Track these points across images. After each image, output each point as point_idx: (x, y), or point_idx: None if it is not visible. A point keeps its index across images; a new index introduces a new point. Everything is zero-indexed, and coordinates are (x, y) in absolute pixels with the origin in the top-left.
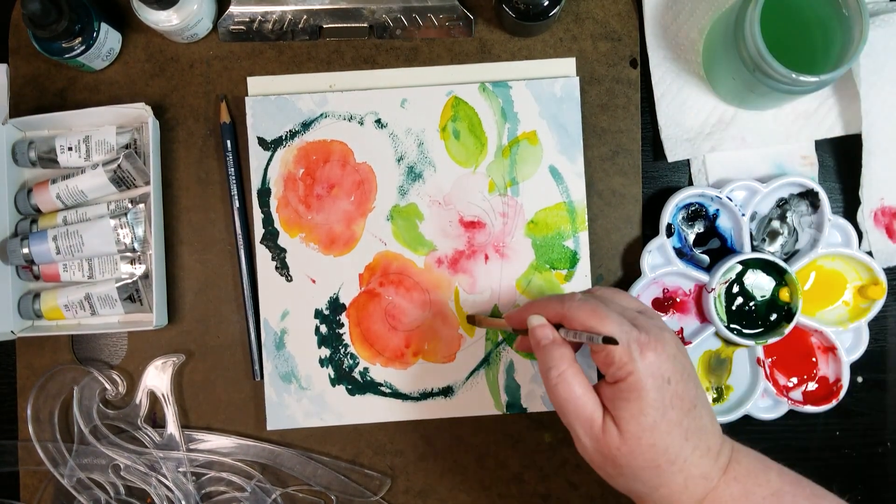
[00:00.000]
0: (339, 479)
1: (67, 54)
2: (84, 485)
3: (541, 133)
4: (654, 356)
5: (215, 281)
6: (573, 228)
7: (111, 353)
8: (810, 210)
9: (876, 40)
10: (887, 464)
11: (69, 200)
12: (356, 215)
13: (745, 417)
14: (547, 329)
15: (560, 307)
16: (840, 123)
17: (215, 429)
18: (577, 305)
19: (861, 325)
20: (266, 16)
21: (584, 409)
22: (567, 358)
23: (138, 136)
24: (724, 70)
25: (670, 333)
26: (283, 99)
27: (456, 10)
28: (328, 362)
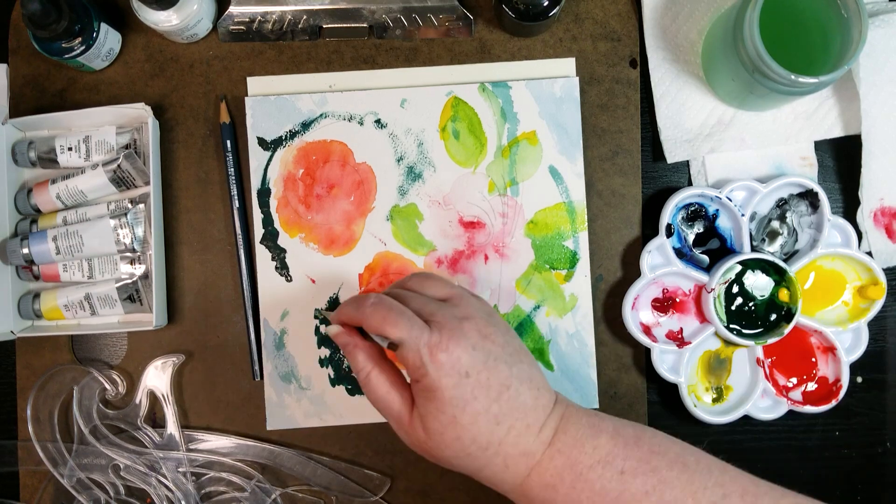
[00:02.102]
0: (339, 479)
1: (67, 54)
2: (84, 485)
3: (540, 133)
4: (444, 356)
5: (215, 281)
6: (573, 228)
7: (111, 353)
8: (810, 210)
9: (875, 40)
10: (887, 464)
11: (69, 200)
12: (356, 215)
13: (745, 417)
14: (344, 335)
15: (355, 312)
16: (839, 124)
17: (215, 429)
18: (369, 312)
19: (861, 325)
20: (266, 16)
21: (390, 408)
22: (372, 359)
23: (138, 136)
24: (723, 71)
25: (473, 321)
26: (282, 99)
27: (456, 10)
28: (328, 362)
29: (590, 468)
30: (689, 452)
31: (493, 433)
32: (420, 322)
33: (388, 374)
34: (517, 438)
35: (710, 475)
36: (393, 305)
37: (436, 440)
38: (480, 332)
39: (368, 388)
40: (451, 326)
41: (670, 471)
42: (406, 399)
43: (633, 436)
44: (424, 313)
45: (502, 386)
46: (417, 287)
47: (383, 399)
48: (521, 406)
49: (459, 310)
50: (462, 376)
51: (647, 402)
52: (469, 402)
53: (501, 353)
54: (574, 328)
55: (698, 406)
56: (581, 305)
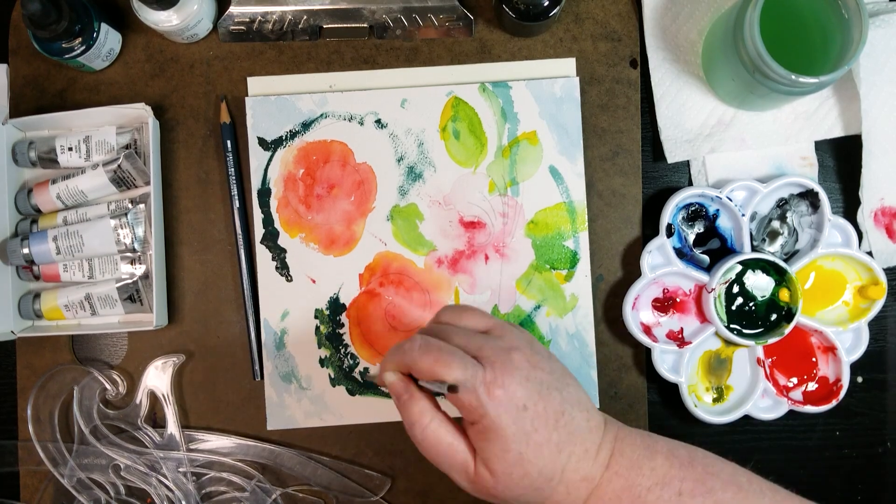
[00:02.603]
0: (339, 479)
1: (67, 54)
2: (84, 485)
3: (541, 133)
4: (501, 392)
5: (215, 281)
6: (573, 228)
7: (111, 353)
8: (810, 210)
9: (876, 40)
10: (887, 464)
11: (69, 200)
12: (356, 215)
13: (745, 417)
14: (400, 384)
15: (403, 357)
16: (840, 124)
17: (215, 429)
18: (418, 355)
19: (861, 325)
20: (266, 16)
21: (455, 458)
22: (428, 411)
23: (138, 136)
24: (723, 71)
25: (520, 351)
26: (283, 99)
27: (456, 10)
28: (328, 362)
29: (648, 490)
30: (741, 473)
31: (556, 462)
32: (472, 360)
33: (448, 424)
34: (577, 464)
35: (763, 496)
36: (442, 346)
37: (504, 482)
38: (529, 362)
39: (428, 442)
40: (502, 360)
41: (725, 492)
42: (468, 447)
43: (688, 457)
44: (471, 349)
45: (557, 413)
46: (455, 320)
47: (447, 451)
48: (577, 430)
49: (504, 341)
50: (520, 410)
51: (648, 402)
52: (531, 434)
53: (551, 380)
54: (574, 328)
55: (699, 406)
56: (581, 305)
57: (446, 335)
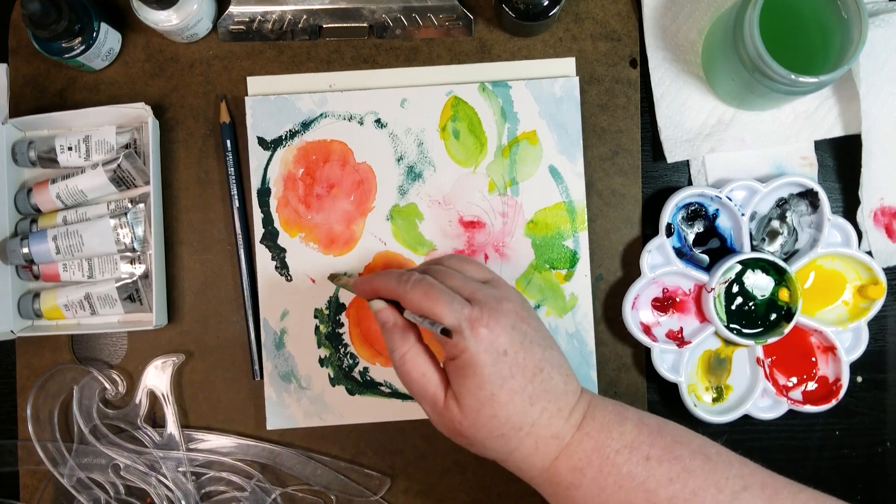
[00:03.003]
0: (339, 479)
1: (67, 54)
2: (84, 484)
3: (540, 133)
4: (486, 332)
5: (215, 281)
6: (573, 228)
7: (111, 352)
8: (810, 210)
9: (875, 40)
10: (887, 464)
11: (69, 200)
12: (356, 215)
13: (745, 417)
14: (386, 312)
15: (396, 287)
16: (840, 124)
17: (215, 429)
18: (410, 287)
19: (861, 324)
20: (266, 16)
21: (426, 389)
22: (409, 340)
23: (138, 135)
24: (723, 71)
25: (512, 302)
26: (282, 99)
27: (456, 10)
28: (328, 362)
29: (617, 452)
30: (710, 445)
31: (527, 413)
32: (461, 299)
33: (425, 355)
34: (549, 420)
35: (730, 467)
36: (434, 283)
37: (471, 419)
38: (518, 314)
39: (405, 369)
40: (492, 305)
41: (693, 460)
42: (442, 379)
43: (657, 425)
44: (465, 291)
45: (536, 368)
46: (457, 266)
47: (419, 380)
48: (553, 389)
49: (499, 291)
50: (500, 354)
51: (648, 402)
52: (507, 379)
53: (536, 336)
54: (574, 328)
55: (698, 406)
56: (581, 305)
57: (444, 276)
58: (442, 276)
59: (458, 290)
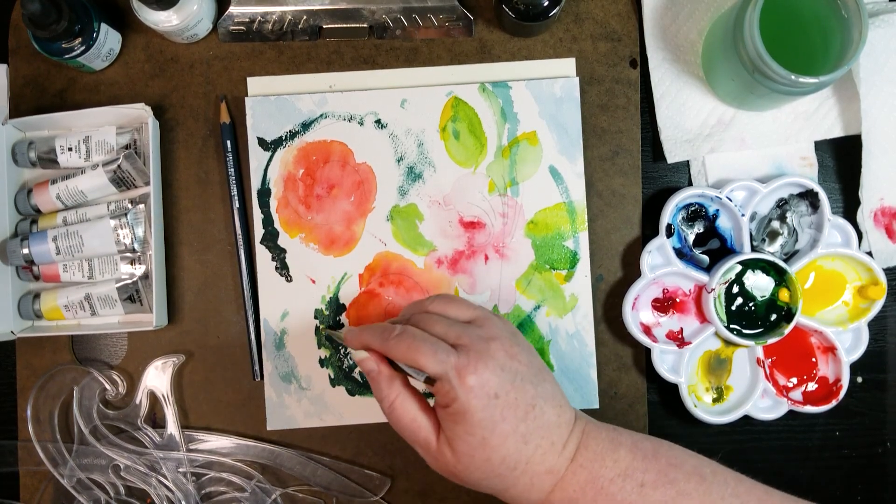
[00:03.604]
0: (339, 479)
1: (67, 54)
2: (84, 485)
3: (541, 133)
4: (474, 378)
5: (215, 281)
6: (573, 228)
7: (111, 353)
8: (810, 210)
9: (876, 40)
10: (887, 464)
11: (69, 201)
12: (356, 215)
13: (745, 417)
14: (370, 362)
15: (381, 343)
16: (840, 124)
17: (215, 429)
18: (394, 343)
19: (861, 325)
20: (266, 16)
21: (417, 434)
22: (396, 386)
23: (138, 136)
24: (723, 71)
25: (499, 341)
26: (282, 99)
27: (456, 10)
28: (328, 363)
29: (611, 481)
30: (705, 464)
31: (521, 452)
32: (446, 346)
33: (414, 400)
34: (543, 457)
35: (726, 486)
36: (417, 334)
37: (465, 463)
38: (507, 353)
39: (394, 415)
40: (479, 348)
41: (688, 483)
42: (433, 423)
43: (651, 449)
44: (450, 337)
45: (528, 406)
46: (440, 310)
47: (410, 425)
48: (546, 424)
49: (485, 331)
50: (491, 398)
51: (647, 402)
52: (498, 423)
53: (527, 373)
54: (574, 328)
55: (698, 406)
56: (581, 305)
57: (428, 323)
58: (425, 323)
59: (444, 337)
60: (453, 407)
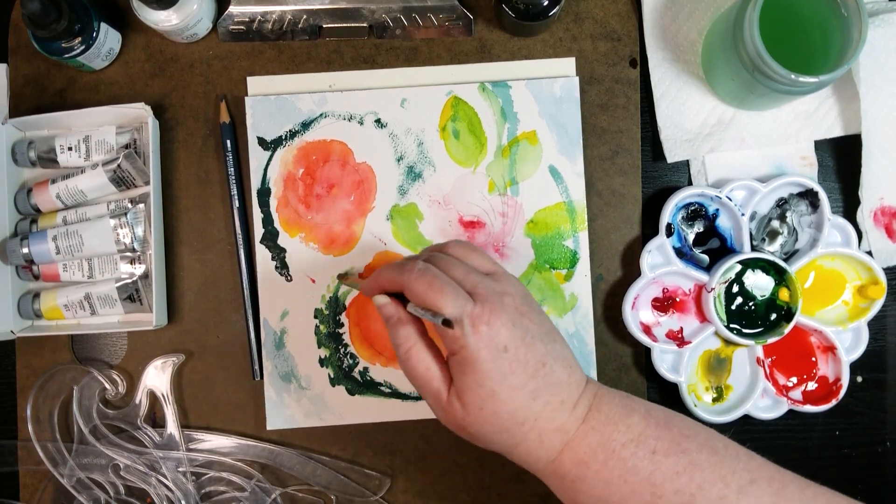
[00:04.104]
0: (339, 479)
1: (67, 54)
2: (84, 485)
3: (540, 133)
4: (486, 329)
5: (215, 281)
6: (573, 228)
7: (111, 352)
8: (810, 210)
9: (875, 40)
10: (887, 464)
11: (69, 200)
12: (356, 215)
13: (745, 417)
14: (390, 307)
15: (400, 277)
16: (839, 124)
17: (215, 429)
18: (415, 277)
19: (861, 324)
20: (266, 16)
21: (430, 384)
22: (413, 335)
23: (138, 136)
24: (723, 71)
25: (513, 297)
26: (282, 99)
27: (456, 10)
28: (328, 362)
29: (623, 446)
30: (717, 438)
31: (530, 408)
32: (464, 293)
33: (429, 350)
34: (553, 414)
35: (738, 460)
36: (439, 275)
37: (474, 415)
38: (519, 310)
39: (409, 364)
40: (493, 300)
41: (700, 454)
42: (445, 375)
43: (664, 418)
44: (467, 284)
45: (538, 363)
46: (461, 255)
47: (424, 375)
48: (556, 382)
49: (500, 285)
50: (500, 350)
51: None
52: (507, 375)
53: (538, 331)
54: (574, 328)
55: (698, 406)
56: (581, 305)
57: (447, 266)
58: (445, 265)
59: (461, 283)
60: (461, 354)
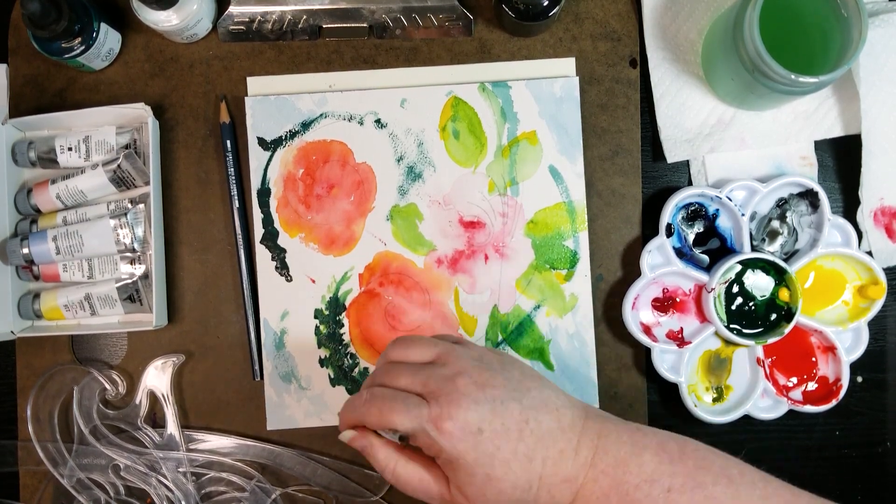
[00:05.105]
0: (339, 479)
1: (67, 54)
2: (84, 485)
3: (540, 133)
4: (450, 424)
5: (215, 281)
6: (573, 228)
7: (111, 353)
8: (810, 210)
9: (875, 40)
10: (887, 464)
11: (69, 200)
12: (356, 215)
13: (745, 417)
14: (357, 439)
15: (354, 414)
16: (839, 124)
17: (215, 429)
18: (365, 410)
19: (861, 324)
20: (266, 16)
21: (429, 491)
22: (391, 455)
23: (138, 136)
24: (723, 71)
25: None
26: (282, 99)
27: (455, 10)
28: (328, 362)
29: (636, 487)
30: (733, 465)
31: (530, 471)
32: (415, 400)
33: (414, 460)
34: (555, 468)
35: (754, 488)
36: (385, 394)
37: (481, 502)
38: (477, 383)
39: (401, 482)
40: (447, 391)
41: (716, 486)
42: (439, 475)
43: (678, 450)
44: (416, 386)
45: (520, 423)
46: (401, 357)
47: (419, 486)
48: (546, 434)
49: (448, 368)
50: (476, 434)
51: (648, 402)
52: (494, 454)
53: (506, 393)
54: (574, 328)
55: (699, 406)
56: (581, 305)
57: (393, 378)
58: (391, 377)
59: (410, 388)
60: (442, 458)
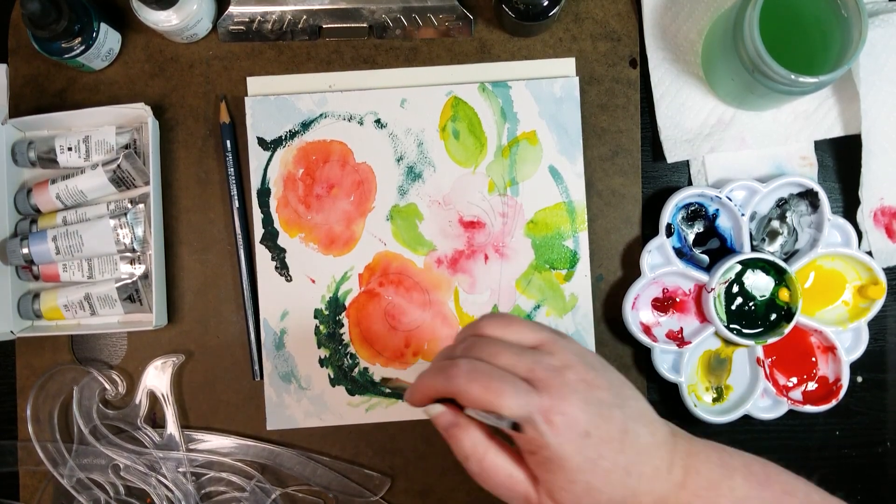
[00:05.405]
0: (339, 479)
1: (67, 54)
2: (84, 485)
3: (540, 133)
4: (561, 420)
5: (215, 281)
6: (573, 228)
7: (111, 353)
8: (810, 210)
9: (875, 40)
10: (887, 464)
11: (69, 200)
12: (356, 215)
13: (745, 417)
14: (447, 416)
15: (447, 384)
16: (839, 124)
17: (215, 429)
18: (465, 380)
19: (861, 324)
20: (266, 16)
21: (515, 490)
22: (482, 441)
23: (138, 136)
24: (723, 71)
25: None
26: (282, 99)
27: (455, 10)
28: (328, 362)
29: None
30: (814, 491)
31: (626, 485)
32: (523, 385)
33: (504, 452)
34: (649, 485)
35: None
36: (492, 372)
37: None
38: (585, 381)
39: (486, 474)
40: (557, 383)
41: None
42: (528, 473)
43: (764, 474)
44: (520, 370)
45: (622, 433)
46: (500, 333)
47: (506, 483)
48: (643, 448)
49: (556, 358)
50: (583, 437)
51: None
52: (597, 462)
53: (610, 397)
54: (574, 328)
55: (699, 406)
56: (581, 305)
57: (492, 354)
58: (489, 354)
59: (513, 370)
60: (542, 454)
